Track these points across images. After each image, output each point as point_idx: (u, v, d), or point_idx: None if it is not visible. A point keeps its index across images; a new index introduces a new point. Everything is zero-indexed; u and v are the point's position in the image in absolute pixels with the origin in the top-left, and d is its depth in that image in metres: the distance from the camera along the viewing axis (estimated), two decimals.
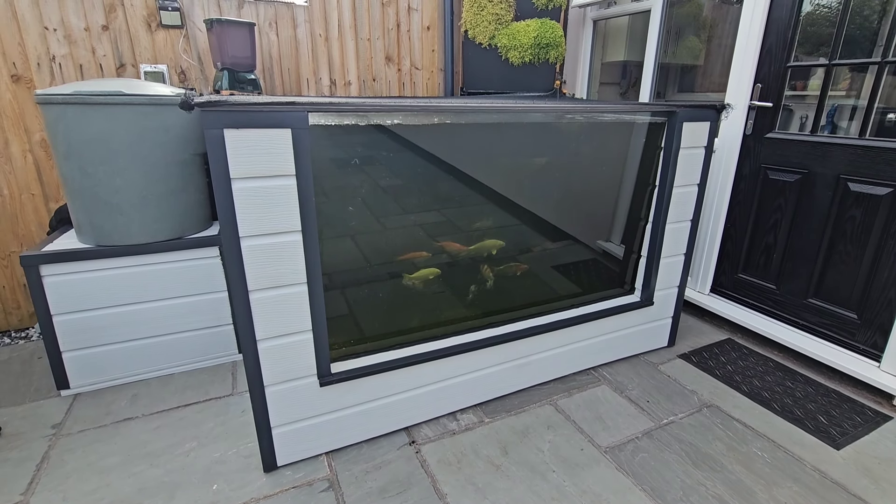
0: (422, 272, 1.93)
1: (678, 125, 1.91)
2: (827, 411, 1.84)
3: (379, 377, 1.61)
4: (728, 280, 2.54)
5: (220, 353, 2.10)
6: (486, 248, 2.06)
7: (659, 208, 2.02)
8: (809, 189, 2.14)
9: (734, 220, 2.45)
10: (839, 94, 2.41)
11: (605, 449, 1.64)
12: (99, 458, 1.58)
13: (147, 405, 1.84)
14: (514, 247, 2.17)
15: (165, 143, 1.80)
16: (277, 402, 1.47)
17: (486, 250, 2.06)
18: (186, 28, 2.40)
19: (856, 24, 2.06)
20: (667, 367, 2.14)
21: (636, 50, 3.27)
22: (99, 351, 1.89)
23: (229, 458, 1.58)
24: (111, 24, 2.26)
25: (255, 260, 1.32)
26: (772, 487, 1.49)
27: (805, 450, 1.65)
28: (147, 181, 1.79)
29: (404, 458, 1.60)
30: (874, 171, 1.92)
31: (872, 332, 1.98)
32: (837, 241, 2.06)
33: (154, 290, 1.90)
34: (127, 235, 1.82)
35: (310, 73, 2.73)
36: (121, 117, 1.70)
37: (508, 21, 2.81)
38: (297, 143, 1.29)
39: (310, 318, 1.44)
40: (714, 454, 1.62)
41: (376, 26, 2.81)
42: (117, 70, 2.31)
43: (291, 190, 1.32)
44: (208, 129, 1.19)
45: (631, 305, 2.09)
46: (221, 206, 1.25)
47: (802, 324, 2.23)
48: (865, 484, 1.50)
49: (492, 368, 1.84)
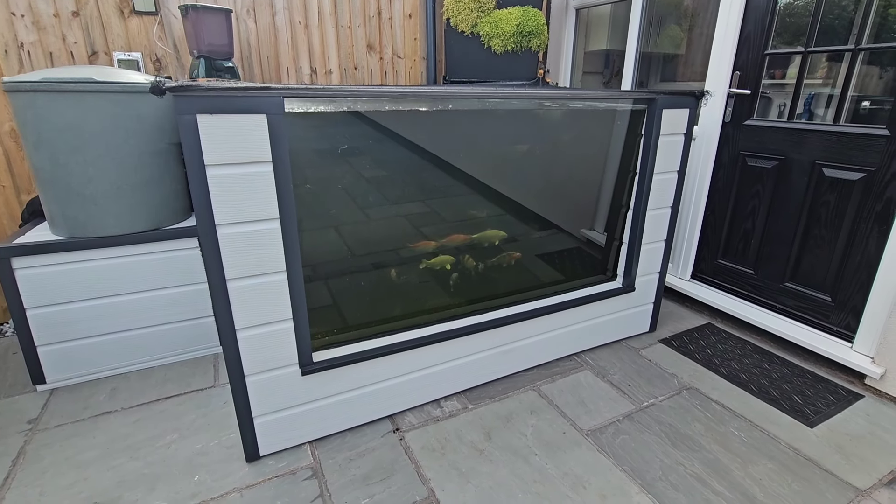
0: (439, 258, 1.96)
1: (658, 112, 1.92)
2: (802, 391, 1.89)
3: (362, 365, 1.61)
4: (708, 266, 2.58)
5: (202, 346, 2.08)
6: (488, 239, 2.07)
7: (640, 195, 2.04)
8: (786, 175, 2.18)
9: (714, 206, 2.49)
10: (816, 83, 2.45)
11: (586, 432, 1.67)
12: (77, 452, 1.55)
13: (126, 399, 1.81)
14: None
15: (140, 132, 1.76)
16: (259, 392, 1.46)
17: (487, 241, 2.07)
18: (161, 14, 2.34)
19: (833, 14, 2.09)
20: (648, 352, 2.17)
21: (618, 39, 3.28)
22: (75, 345, 1.85)
23: (211, 449, 1.57)
24: (82, 11, 2.19)
25: (232, 248, 1.30)
26: (748, 465, 1.53)
27: (780, 428, 1.69)
28: (121, 171, 1.75)
29: (388, 445, 1.60)
30: (847, 156, 1.96)
31: (846, 314, 2.03)
32: (813, 226, 2.11)
33: (131, 282, 1.87)
34: (102, 227, 1.78)
35: (290, 62, 2.68)
36: (93, 105, 1.65)
37: (490, 9, 2.80)
38: (272, 129, 1.27)
39: (290, 306, 1.43)
40: (692, 434, 1.66)
41: (357, 14, 2.78)
42: (89, 58, 2.25)
43: (268, 177, 1.30)
44: (181, 115, 1.17)
45: (613, 292, 2.11)
46: (196, 194, 1.23)
47: (779, 307, 2.28)
48: (837, 460, 1.55)
49: (476, 355, 1.85)
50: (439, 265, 1.96)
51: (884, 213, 1.86)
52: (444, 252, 1.97)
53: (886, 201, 1.85)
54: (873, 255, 1.90)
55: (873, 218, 1.89)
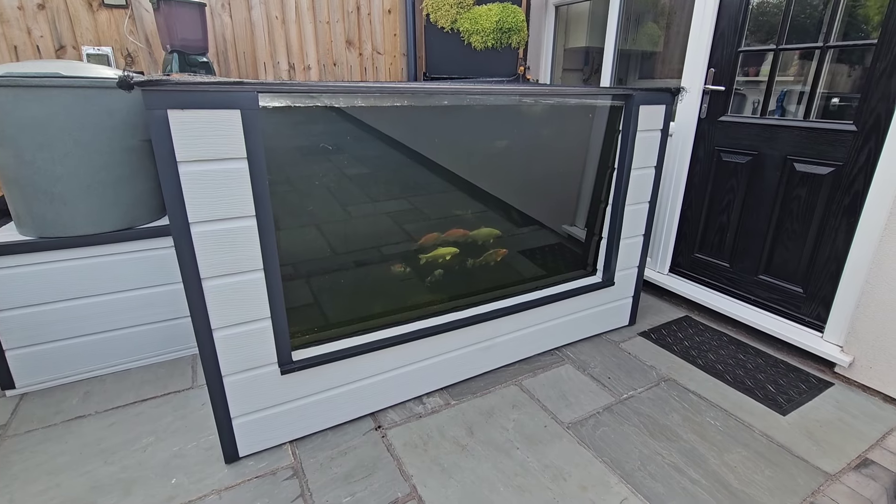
0: (439, 250, 1.96)
1: (635, 109, 1.94)
2: (775, 380, 1.94)
3: (343, 363, 1.60)
4: (685, 260, 2.63)
5: (179, 347, 2.04)
6: (482, 237, 2.07)
7: (618, 191, 2.07)
8: (759, 170, 2.23)
9: (690, 201, 2.54)
10: (788, 80, 2.51)
11: (567, 425, 1.69)
12: (48, 457, 1.51)
13: (101, 402, 1.77)
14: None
15: (111, 129, 1.71)
16: (237, 393, 1.44)
17: (481, 239, 2.07)
18: (132, 8, 2.28)
19: (804, 13, 2.14)
20: (627, 345, 2.20)
21: (598, 36, 3.31)
22: (46, 348, 1.80)
23: (189, 451, 1.54)
24: (48, 3, 2.12)
25: (206, 247, 1.28)
26: (723, 453, 1.56)
27: (754, 417, 1.73)
28: (91, 169, 1.70)
29: (370, 443, 1.60)
30: (817, 151, 2.01)
31: (816, 305, 2.09)
32: (785, 220, 2.16)
33: (104, 283, 1.82)
34: (72, 226, 1.73)
35: (267, 57, 2.64)
36: (60, 101, 1.60)
37: (470, 5, 2.79)
38: (247, 125, 1.25)
39: (268, 305, 1.41)
40: (670, 425, 1.69)
41: (335, 9, 2.74)
42: (57, 52, 2.18)
43: (243, 173, 1.28)
44: (151, 111, 1.14)
45: (593, 286, 2.14)
46: (168, 192, 1.20)
47: (754, 299, 2.33)
48: (808, 446, 1.60)
49: (458, 351, 1.86)
50: (440, 257, 1.97)
51: (851, 207, 1.92)
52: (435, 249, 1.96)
53: (854, 195, 1.91)
54: (842, 248, 1.96)
55: (842, 211, 1.95)
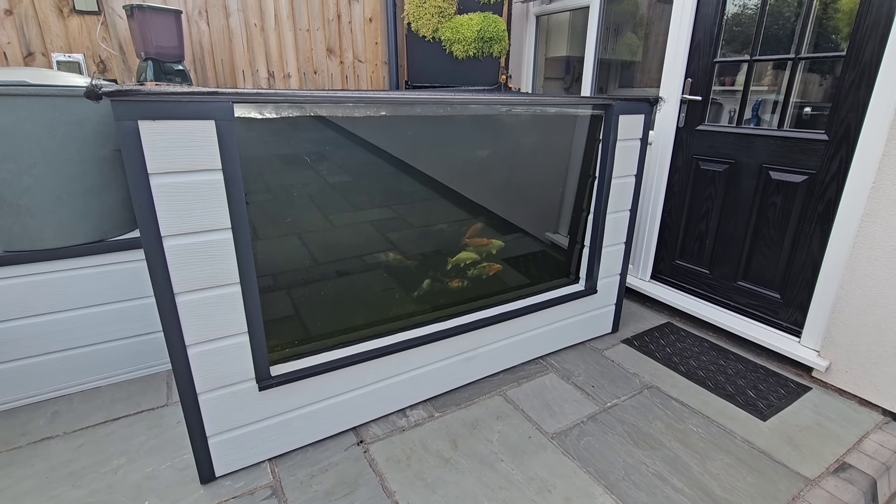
0: (462, 254, 2.01)
1: (615, 118, 1.96)
2: (755, 386, 1.96)
3: (323, 377, 1.57)
4: (666, 266, 2.65)
5: (153, 363, 1.97)
6: (486, 250, 2.09)
7: (599, 199, 2.08)
8: (736, 178, 2.27)
9: (670, 209, 2.57)
10: (763, 90, 2.58)
11: (551, 435, 1.68)
12: (12, 482, 1.44)
13: (69, 422, 1.70)
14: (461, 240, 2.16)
15: (80, 139, 1.66)
16: (212, 410, 1.39)
17: (485, 251, 2.09)
18: (104, 14, 2.22)
19: (777, 24, 2.20)
20: (611, 353, 2.21)
21: (578, 46, 3.35)
22: (11, 367, 1.72)
23: (162, 472, 1.49)
24: (15, 9, 2.06)
25: (180, 260, 1.24)
26: (706, 461, 1.57)
27: (736, 423, 1.75)
28: (60, 180, 1.64)
29: (352, 458, 1.56)
30: (791, 160, 2.06)
31: (793, 310, 2.13)
32: (762, 227, 2.20)
33: (73, 297, 1.75)
34: (39, 239, 1.66)
35: (245, 65, 2.60)
36: (26, 110, 1.54)
37: (451, 14, 2.80)
38: (222, 136, 1.22)
39: (245, 319, 1.37)
40: (654, 433, 1.69)
41: (315, 17, 2.72)
42: (25, 59, 2.11)
43: (218, 185, 1.24)
44: (120, 121, 1.10)
45: (576, 294, 2.14)
46: (139, 204, 1.16)
47: (733, 305, 2.36)
48: (788, 451, 1.61)
49: (441, 363, 1.83)
50: (462, 262, 2.01)
51: (825, 214, 1.96)
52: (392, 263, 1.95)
53: (827, 202, 1.95)
54: (817, 254, 2.00)
55: (816, 218, 1.99)
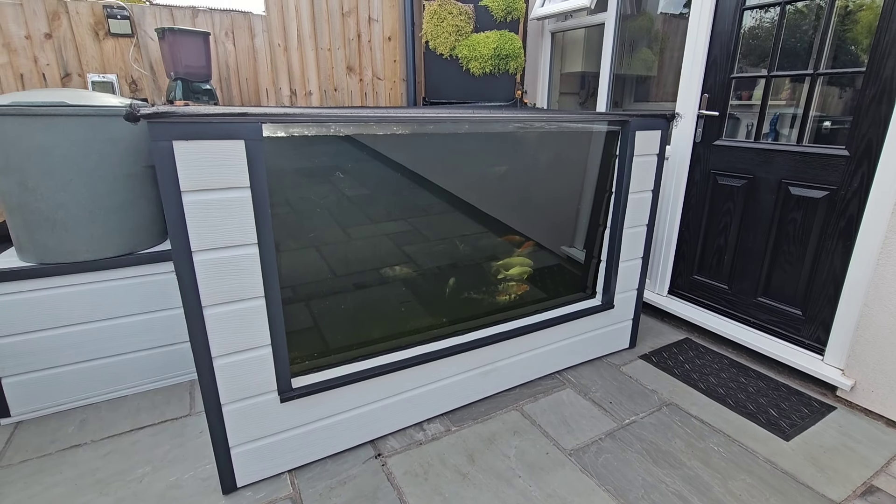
0: (516, 269, 2.08)
1: (631, 134, 1.98)
2: (777, 404, 1.93)
3: (343, 390, 1.59)
4: (684, 281, 2.63)
5: (177, 373, 2.02)
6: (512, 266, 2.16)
7: (616, 214, 2.09)
8: (755, 193, 2.26)
9: (688, 223, 2.56)
10: (780, 104, 2.56)
11: (569, 452, 1.67)
12: (43, 489, 1.48)
13: (96, 430, 1.75)
14: (480, 254, 2.19)
15: (114, 156, 1.73)
16: (236, 421, 1.43)
17: (510, 266, 2.16)
18: (137, 37, 2.33)
19: (795, 37, 2.20)
20: (628, 369, 2.19)
21: (593, 61, 3.38)
22: (43, 375, 1.78)
23: (186, 481, 1.52)
24: (55, 33, 2.17)
25: (208, 274, 1.28)
26: (727, 481, 1.54)
27: (758, 443, 1.72)
28: (94, 195, 1.72)
29: (370, 471, 1.58)
30: (811, 175, 2.04)
31: (816, 328, 2.09)
32: (781, 242, 2.18)
33: (103, 308, 1.81)
34: (73, 252, 1.73)
35: (269, 84, 2.69)
36: (64, 129, 1.62)
37: (468, 32, 2.86)
38: (251, 155, 1.26)
39: (268, 332, 1.41)
40: (673, 451, 1.67)
41: (337, 36, 2.81)
42: (62, 80, 2.22)
43: (246, 202, 1.29)
44: (156, 142, 1.16)
45: (592, 309, 2.14)
46: (171, 220, 1.21)
47: (753, 321, 2.33)
48: (812, 472, 1.58)
49: (458, 376, 1.84)
50: (518, 275, 2.09)
51: (847, 230, 1.94)
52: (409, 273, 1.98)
53: (849, 218, 1.93)
54: (839, 271, 1.97)
55: (837, 234, 1.97)
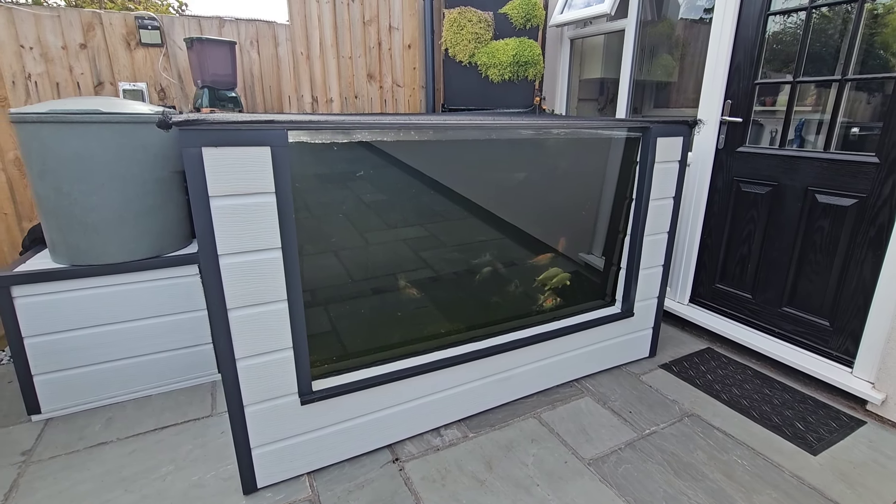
0: (559, 277, 2.12)
1: (652, 140, 1.96)
2: (804, 417, 1.88)
3: (361, 394, 1.60)
4: (706, 290, 2.59)
5: (200, 373, 2.06)
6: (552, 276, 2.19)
7: (636, 221, 2.07)
8: (780, 201, 2.21)
9: (710, 231, 2.52)
10: (806, 110, 2.51)
11: (588, 461, 1.65)
12: (71, 484, 1.53)
13: (122, 428, 1.79)
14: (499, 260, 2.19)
15: (144, 161, 1.79)
16: (257, 422, 1.45)
17: (551, 275, 2.19)
18: (166, 46, 2.40)
19: (820, 41, 2.15)
20: (648, 378, 2.16)
21: (612, 67, 3.37)
22: (72, 374, 1.84)
23: (208, 481, 1.55)
24: (89, 43, 2.25)
25: (233, 278, 1.31)
26: (752, 495, 1.51)
27: (783, 456, 1.67)
28: (125, 199, 1.77)
29: (388, 475, 1.58)
30: (839, 183, 1.99)
31: (844, 339, 2.03)
32: (808, 251, 2.13)
33: (131, 309, 1.86)
34: (103, 254, 1.79)
35: (291, 91, 2.74)
36: (98, 136, 1.68)
37: (487, 40, 2.88)
38: (276, 161, 1.29)
39: (290, 335, 1.43)
40: (695, 463, 1.64)
41: (358, 45, 2.85)
42: (95, 88, 2.30)
43: (271, 207, 1.32)
44: (186, 148, 1.19)
45: (612, 317, 2.12)
46: (199, 224, 1.24)
47: (778, 332, 2.28)
48: (841, 489, 1.53)
49: (475, 383, 1.84)
50: (559, 283, 2.13)
51: (877, 239, 1.88)
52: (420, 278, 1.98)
53: (879, 227, 1.88)
54: (869, 281, 1.91)
55: (867, 243, 1.92)
